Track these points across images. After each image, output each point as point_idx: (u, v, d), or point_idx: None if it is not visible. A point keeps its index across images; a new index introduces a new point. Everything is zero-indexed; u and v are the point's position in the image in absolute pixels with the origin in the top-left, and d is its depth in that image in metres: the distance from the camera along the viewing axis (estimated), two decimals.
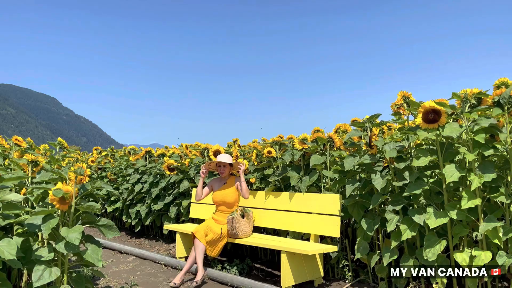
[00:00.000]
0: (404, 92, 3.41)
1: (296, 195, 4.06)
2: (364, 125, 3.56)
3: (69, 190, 2.98)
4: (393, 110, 3.47)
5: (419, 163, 2.93)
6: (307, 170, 4.13)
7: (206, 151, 5.39)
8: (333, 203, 3.70)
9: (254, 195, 4.52)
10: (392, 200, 3.26)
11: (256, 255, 4.95)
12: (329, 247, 3.59)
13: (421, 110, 2.97)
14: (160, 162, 6.38)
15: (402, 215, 3.23)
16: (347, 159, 3.49)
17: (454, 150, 3.01)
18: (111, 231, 3.16)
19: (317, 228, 3.78)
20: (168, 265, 4.68)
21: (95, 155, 8.11)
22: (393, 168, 3.34)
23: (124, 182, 6.85)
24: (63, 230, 2.89)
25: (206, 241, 4.03)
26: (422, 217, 3.01)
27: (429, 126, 2.95)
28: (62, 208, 2.98)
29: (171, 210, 5.74)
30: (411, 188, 3.01)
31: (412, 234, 3.07)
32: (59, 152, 3.73)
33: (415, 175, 3.05)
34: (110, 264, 4.92)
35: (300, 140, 4.14)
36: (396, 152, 3.16)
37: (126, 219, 6.78)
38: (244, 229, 4.05)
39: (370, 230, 3.34)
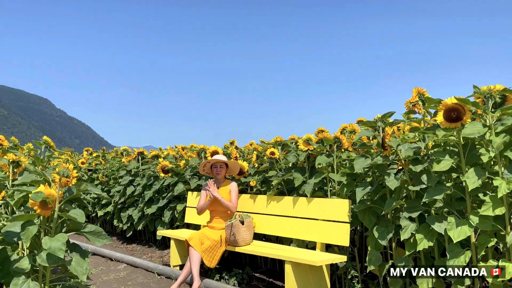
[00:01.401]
0: (419, 89, 3.15)
1: (300, 199, 3.77)
2: (376, 124, 3.30)
3: (52, 194, 2.67)
4: (407, 108, 3.20)
5: (440, 168, 2.67)
6: (312, 173, 3.85)
7: (203, 152, 5.10)
8: (341, 208, 3.43)
9: (254, 199, 4.23)
10: (407, 207, 2.99)
11: (256, 263, 4.65)
12: (337, 257, 3.31)
13: (442, 108, 2.70)
14: (154, 163, 6.07)
15: (418, 222, 2.96)
16: (358, 160, 3.21)
17: (477, 152, 2.74)
18: (100, 239, 2.86)
19: (324, 236, 3.50)
20: (161, 274, 4.37)
21: (86, 157, 7.78)
22: (408, 171, 3.07)
23: (116, 184, 6.53)
24: (44, 240, 2.58)
25: (202, 249, 3.73)
26: (443, 225, 2.75)
27: (451, 125, 2.69)
28: (44, 213, 2.68)
29: (165, 215, 5.44)
30: (431, 194, 2.74)
31: (429, 244, 2.80)
32: (44, 152, 3.42)
33: (435, 179, 2.78)
34: (99, 273, 4.60)
35: (304, 141, 3.87)
36: (412, 152, 2.89)
37: (117, 223, 6.45)
38: (244, 237, 3.76)
39: (382, 239, 3.06)
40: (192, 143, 6.23)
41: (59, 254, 2.53)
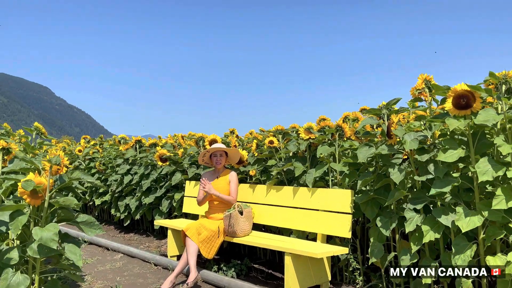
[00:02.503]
0: (425, 75, 3.01)
1: (301, 189, 3.66)
2: (381, 112, 3.16)
3: (42, 182, 2.56)
4: (413, 95, 3.07)
5: (446, 158, 2.54)
6: (313, 162, 3.73)
7: (202, 140, 4.97)
8: (343, 199, 3.31)
9: (253, 188, 4.12)
10: (412, 198, 2.87)
11: (255, 254, 4.56)
12: (339, 249, 3.20)
13: (451, 95, 2.57)
14: (151, 152, 5.95)
15: (424, 214, 2.85)
16: (361, 149, 3.09)
17: (488, 141, 2.62)
18: (93, 229, 2.75)
19: (325, 227, 3.40)
20: (158, 264, 4.28)
21: (83, 145, 7.65)
22: (414, 161, 2.94)
23: (113, 173, 6.42)
24: (35, 230, 2.47)
25: (199, 240, 3.62)
26: (450, 217, 2.63)
27: (461, 112, 2.56)
28: (34, 203, 2.57)
29: (163, 204, 5.34)
30: (438, 185, 2.62)
31: (436, 236, 2.68)
32: (35, 139, 3.29)
33: (443, 170, 2.66)
34: (95, 263, 4.51)
35: (305, 129, 3.74)
36: (417, 142, 2.76)
37: (115, 212, 6.35)
38: (242, 227, 3.65)
39: (386, 229, 2.95)
40: (190, 131, 6.10)
41: (52, 244, 2.42)
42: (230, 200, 3.82)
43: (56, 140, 10.65)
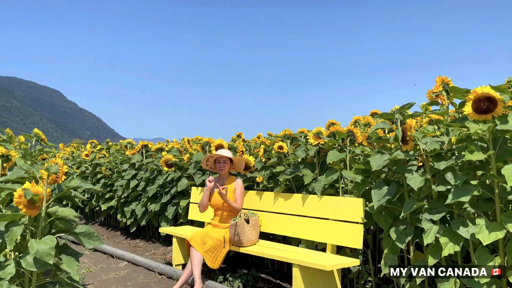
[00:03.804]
0: (443, 78, 2.84)
1: (310, 197, 3.51)
2: (393, 116, 3.00)
3: (39, 192, 2.45)
4: (430, 98, 2.89)
5: (472, 157, 2.37)
6: (322, 169, 3.58)
7: (208, 146, 4.85)
8: (355, 208, 3.16)
9: (260, 196, 3.98)
10: (429, 207, 2.70)
11: (262, 263, 4.41)
12: (350, 261, 3.04)
13: (471, 98, 2.40)
14: (157, 157, 5.85)
15: (441, 224, 2.68)
16: (374, 157, 2.93)
17: (510, 148, 2.45)
18: (92, 240, 2.64)
19: (335, 237, 3.24)
20: (163, 273, 4.15)
21: (89, 149, 7.59)
22: (430, 168, 2.78)
23: (119, 178, 6.33)
24: (31, 243, 2.36)
25: (204, 250, 3.49)
26: (470, 229, 2.46)
27: (481, 117, 2.39)
28: (31, 213, 2.46)
29: (169, 210, 5.22)
30: (457, 194, 2.45)
31: (455, 249, 2.51)
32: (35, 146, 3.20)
33: (462, 178, 2.49)
34: (98, 271, 4.40)
35: (314, 134, 3.59)
36: (438, 146, 2.60)
37: (121, 218, 6.25)
38: (249, 236, 3.51)
39: (401, 242, 2.78)
40: (197, 136, 5.97)
41: (47, 259, 2.31)
42: (236, 207, 3.69)
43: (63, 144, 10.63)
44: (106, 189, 6.76)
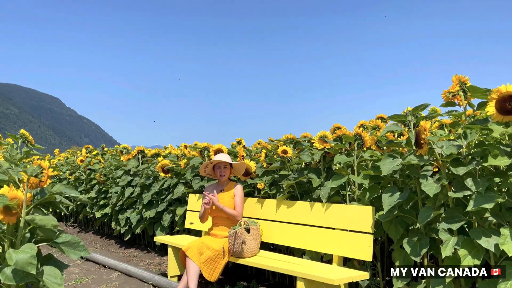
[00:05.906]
0: (460, 77, 2.63)
1: (315, 205, 3.28)
2: (406, 118, 2.79)
3: (18, 196, 2.22)
4: (445, 99, 2.69)
5: (496, 162, 2.16)
6: (328, 175, 3.36)
7: (206, 151, 4.62)
8: (364, 217, 2.93)
9: (262, 203, 3.75)
10: (445, 216, 2.48)
11: (263, 275, 4.17)
12: (358, 274, 2.81)
13: (493, 97, 2.20)
14: (153, 162, 5.62)
15: (460, 235, 2.45)
16: (385, 161, 2.71)
17: None
18: (77, 250, 2.39)
19: (342, 248, 3.01)
20: (157, 285, 3.90)
21: (85, 154, 7.36)
22: (446, 174, 2.56)
23: (114, 184, 6.09)
24: (9, 253, 2.12)
25: (201, 261, 3.25)
26: (492, 240, 2.24)
27: (505, 118, 2.19)
28: (9, 220, 2.23)
29: (164, 218, 4.98)
30: (479, 201, 2.23)
31: (475, 263, 2.29)
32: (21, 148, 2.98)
33: (483, 184, 2.27)
34: (89, 282, 4.15)
35: (320, 138, 3.38)
36: (455, 150, 2.39)
37: (115, 226, 6.01)
38: (249, 247, 3.28)
39: (415, 255, 2.55)
40: (195, 142, 5.75)
41: (29, 269, 2.07)
42: (234, 215, 3.46)
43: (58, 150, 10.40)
44: (101, 195, 6.53)
